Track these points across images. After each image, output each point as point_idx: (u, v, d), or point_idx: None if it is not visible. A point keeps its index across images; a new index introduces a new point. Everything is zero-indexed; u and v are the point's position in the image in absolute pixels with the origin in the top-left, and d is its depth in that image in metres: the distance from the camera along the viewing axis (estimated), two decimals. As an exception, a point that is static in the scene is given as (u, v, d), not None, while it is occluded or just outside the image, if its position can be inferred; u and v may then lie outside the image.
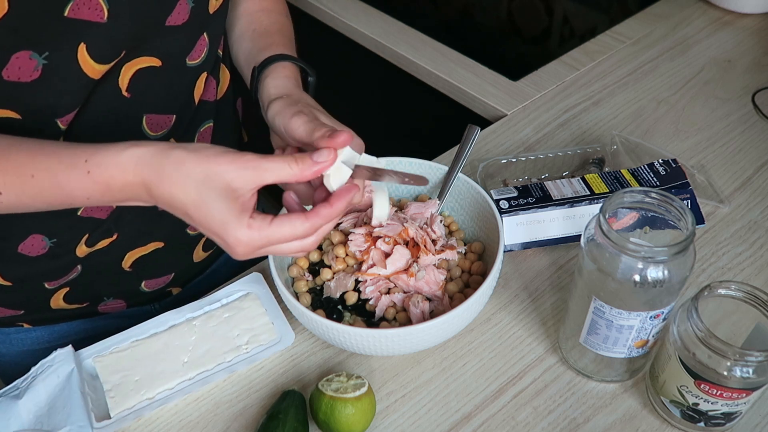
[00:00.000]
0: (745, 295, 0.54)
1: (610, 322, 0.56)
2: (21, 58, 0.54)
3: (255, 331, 0.67)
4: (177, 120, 0.68)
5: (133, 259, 0.74)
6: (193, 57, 0.66)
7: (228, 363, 0.65)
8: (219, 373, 0.64)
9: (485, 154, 0.88)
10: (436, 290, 0.66)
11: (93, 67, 0.58)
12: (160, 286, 0.80)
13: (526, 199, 0.72)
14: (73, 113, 0.60)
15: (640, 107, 0.94)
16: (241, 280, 0.72)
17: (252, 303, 0.70)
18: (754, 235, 0.76)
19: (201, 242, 0.81)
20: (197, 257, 0.82)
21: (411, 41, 1.10)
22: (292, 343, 0.67)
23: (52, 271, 0.71)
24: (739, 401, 0.53)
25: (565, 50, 1.05)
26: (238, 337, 0.67)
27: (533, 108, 0.95)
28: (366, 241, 0.68)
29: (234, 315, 0.69)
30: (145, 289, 0.79)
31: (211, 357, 0.66)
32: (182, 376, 0.64)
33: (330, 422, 0.58)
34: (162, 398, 0.63)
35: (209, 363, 0.65)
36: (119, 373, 0.64)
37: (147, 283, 0.78)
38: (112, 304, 0.79)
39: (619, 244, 0.52)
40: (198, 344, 0.67)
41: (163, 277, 0.79)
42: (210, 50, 0.68)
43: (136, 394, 0.63)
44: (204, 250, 0.82)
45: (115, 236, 0.71)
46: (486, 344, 0.67)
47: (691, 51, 1.03)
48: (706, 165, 0.84)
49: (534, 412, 0.62)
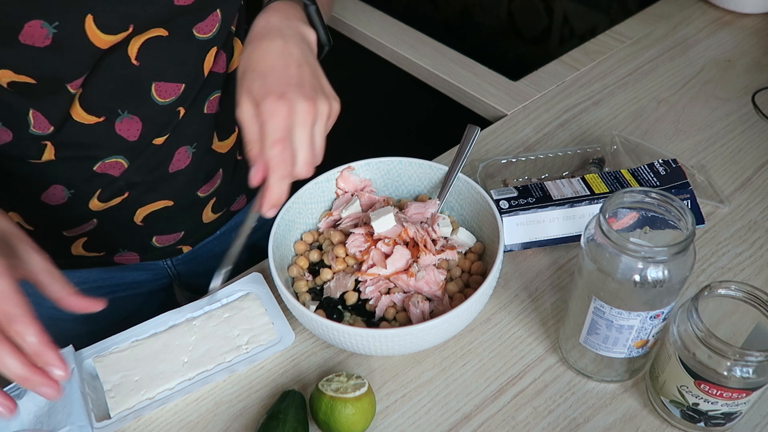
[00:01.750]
0: (745, 295, 0.54)
1: (610, 322, 0.56)
2: (33, 26, 0.57)
3: (255, 331, 0.67)
4: (186, 89, 0.71)
5: (144, 215, 0.78)
6: (203, 30, 0.68)
7: (228, 363, 0.65)
8: (219, 374, 0.64)
9: (485, 154, 0.88)
10: (436, 290, 0.66)
11: (100, 37, 0.61)
12: (170, 243, 0.84)
13: (526, 199, 0.72)
14: (81, 78, 0.64)
15: (640, 107, 0.94)
16: (241, 279, 0.72)
17: (252, 303, 0.70)
18: (754, 235, 0.76)
19: (210, 203, 0.84)
20: (206, 218, 0.85)
21: (411, 41, 1.10)
22: (292, 343, 0.67)
23: (70, 220, 0.76)
24: (739, 401, 0.53)
25: (565, 50, 1.05)
26: (238, 337, 0.67)
27: (533, 108, 0.95)
28: (366, 241, 0.68)
29: (234, 315, 0.69)
30: (156, 245, 0.83)
31: (211, 357, 0.66)
32: (182, 376, 0.64)
33: (330, 422, 0.58)
34: (162, 398, 0.63)
35: (209, 363, 0.65)
36: (119, 373, 0.64)
37: (158, 238, 0.82)
38: (126, 256, 0.83)
39: (619, 244, 0.52)
40: (198, 344, 0.67)
41: (173, 234, 0.83)
42: (222, 26, 0.70)
43: (136, 394, 0.63)
44: (213, 212, 0.85)
45: (126, 194, 0.75)
46: (486, 344, 0.67)
47: (691, 51, 1.03)
48: (706, 165, 0.84)
49: (534, 412, 0.62)
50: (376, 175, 0.75)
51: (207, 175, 0.80)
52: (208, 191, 0.82)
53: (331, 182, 0.74)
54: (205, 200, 0.83)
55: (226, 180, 0.83)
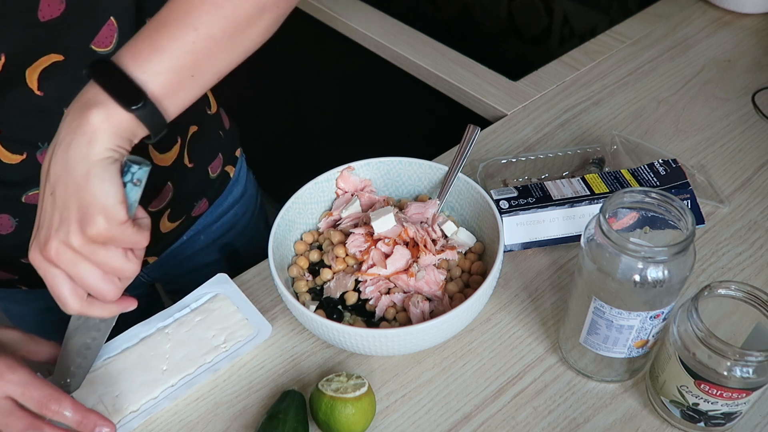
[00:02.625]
0: (745, 295, 0.54)
1: (610, 322, 0.56)
2: None
3: (230, 329, 0.67)
4: None
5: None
6: (102, 44, 0.64)
7: (209, 363, 0.65)
8: (203, 375, 0.64)
9: (485, 154, 0.88)
10: (436, 290, 0.66)
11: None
12: None
13: (526, 199, 0.72)
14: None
15: (640, 107, 0.94)
16: (206, 283, 0.72)
17: (222, 303, 0.70)
18: (754, 235, 0.76)
19: (165, 215, 0.81)
20: (165, 228, 0.83)
21: (411, 41, 1.10)
22: (270, 334, 0.67)
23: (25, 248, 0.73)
24: (739, 401, 0.53)
25: (565, 50, 1.05)
26: (214, 338, 0.67)
27: (533, 108, 0.95)
28: (366, 241, 0.68)
29: (206, 317, 0.69)
30: None
31: (191, 361, 0.65)
32: (165, 384, 0.64)
33: (330, 422, 0.58)
34: (147, 408, 0.63)
35: (190, 367, 0.65)
36: (97, 392, 0.63)
37: None
38: None
39: (619, 244, 0.52)
40: (174, 351, 0.66)
41: None
42: (121, 34, 0.65)
43: (120, 409, 0.62)
44: (171, 221, 0.83)
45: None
46: (486, 344, 0.67)
47: (691, 51, 1.03)
48: (706, 165, 0.84)
49: (534, 412, 0.62)
50: (376, 175, 0.75)
51: (155, 191, 0.78)
52: (160, 205, 0.79)
53: (331, 182, 0.74)
54: (159, 213, 0.80)
55: (179, 190, 0.81)
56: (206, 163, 0.84)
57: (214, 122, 0.86)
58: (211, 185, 0.87)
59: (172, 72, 0.51)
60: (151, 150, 0.75)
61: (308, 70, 1.44)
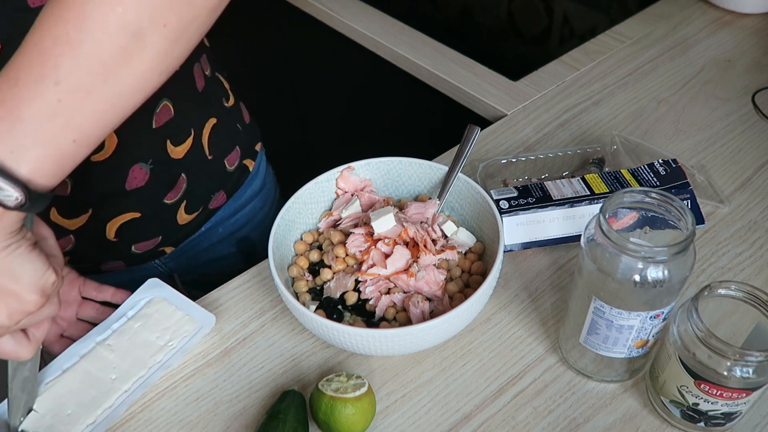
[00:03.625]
0: (745, 295, 0.54)
1: (610, 322, 0.56)
2: None
3: (173, 327, 0.68)
4: None
5: (115, 229, 0.77)
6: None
7: (160, 363, 0.65)
8: (156, 373, 0.65)
9: (485, 154, 0.88)
10: (436, 290, 0.66)
11: None
12: (150, 248, 0.82)
13: (526, 199, 0.72)
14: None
15: (640, 107, 0.94)
16: (139, 289, 0.72)
17: (159, 305, 0.70)
18: (754, 235, 0.76)
19: (181, 207, 0.81)
20: (182, 220, 0.83)
21: (411, 41, 1.10)
22: (214, 323, 0.67)
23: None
24: (739, 401, 0.53)
25: (565, 50, 1.05)
26: (158, 339, 0.67)
27: (533, 108, 0.95)
28: (366, 241, 0.68)
29: (146, 322, 0.68)
30: (136, 252, 0.81)
31: (141, 364, 0.65)
32: (118, 391, 0.63)
33: (330, 422, 0.58)
34: (106, 417, 0.62)
35: (141, 370, 0.65)
36: (47, 415, 0.62)
37: (137, 246, 0.81)
38: (112, 264, 0.82)
39: (619, 244, 0.52)
40: (121, 360, 0.66)
41: (150, 240, 0.81)
42: None
43: (76, 425, 0.61)
44: (187, 213, 0.83)
45: (90, 211, 0.73)
46: (486, 344, 0.67)
47: (691, 51, 1.03)
48: (706, 165, 0.84)
49: (534, 412, 0.62)
50: (376, 175, 0.75)
51: (170, 184, 0.78)
52: (175, 197, 0.80)
53: (331, 182, 0.74)
54: (174, 205, 0.81)
55: (193, 182, 0.81)
56: (223, 155, 0.84)
57: (232, 115, 0.86)
58: (228, 178, 0.87)
59: (46, 145, 0.43)
60: (167, 143, 0.75)
61: (308, 70, 1.44)
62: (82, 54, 0.41)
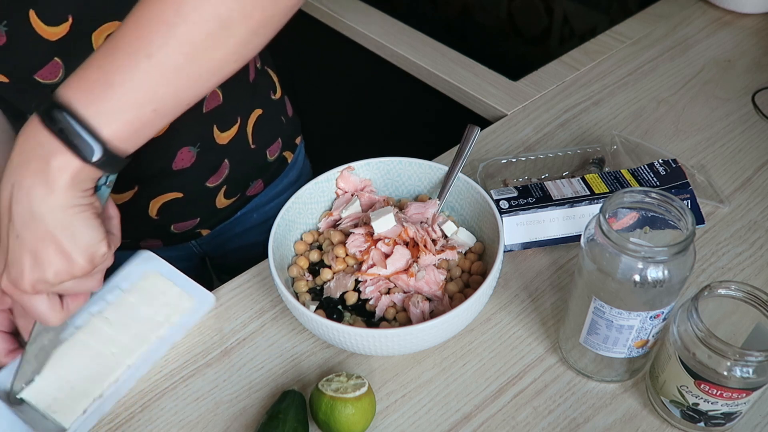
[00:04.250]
0: (745, 295, 0.54)
1: (610, 322, 0.56)
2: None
3: (172, 302, 0.67)
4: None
5: (157, 207, 0.79)
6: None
7: (163, 338, 0.65)
8: (160, 349, 0.64)
9: (485, 154, 0.88)
10: (436, 290, 0.66)
11: (45, 29, 0.59)
12: (188, 228, 0.84)
13: (526, 199, 0.72)
14: (45, 70, 0.61)
15: (640, 107, 0.94)
16: (131, 262, 0.70)
17: (154, 280, 0.69)
18: (754, 235, 0.76)
19: (221, 191, 0.84)
20: (220, 204, 0.85)
21: (411, 41, 1.10)
22: (214, 303, 0.67)
23: None
24: (739, 401, 0.53)
25: (565, 50, 1.05)
26: (157, 314, 0.66)
27: (533, 108, 0.95)
28: (366, 241, 0.68)
29: (142, 296, 0.67)
30: (175, 231, 0.83)
31: (141, 339, 0.64)
32: (122, 365, 0.63)
33: (330, 422, 0.58)
34: (113, 391, 0.61)
35: (142, 345, 0.64)
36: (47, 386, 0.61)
37: (175, 226, 0.83)
38: (150, 243, 0.85)
39: (619, 244, 0.52)
40: (119, 334, 0.65)
41: (189, 221, 0.83)
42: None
43: (82, 398, 0.61)
44: (226, 198, 0.85)
45: (136, 188, 0.76)
46: (486, 344, 0.67)
47: (691, 51, 1.03)
48: (706, 165, 0.84)
49: (534, 412, 0.62)
50: (376, 175, 0.75)
51: (213, 168, 0.80)
52: (217, 182, 0.82)
53: (331, 182, 0.74)
54: (215, 189, 0.83)
55: (235, 168, 0.83)
56: (265, 146, 0.87)
57: (278, 107, 0.88)
58: (267, 168, 0.89)
59: (129, 111, 0.47)
60: (215, 128, 0.77)
61: (308, 70, 1.44)
62: (176, 35, 0.46)
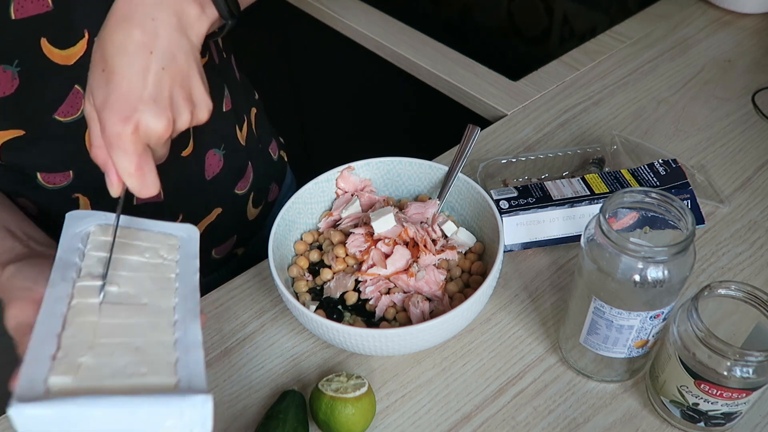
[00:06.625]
0: (745, 295, 0.54)
1: (610, 322, 0.56)
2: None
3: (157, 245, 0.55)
4: None
5: (203, 229, 0.79)
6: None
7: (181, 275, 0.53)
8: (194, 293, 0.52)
9: (485, 154, 0.88)
10: (436, 290, 0.66)
11: (61, 55, 0.57)
12: (227, 251, 0.84)
13: (526, 199, 0.72)
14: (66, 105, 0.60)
15: (640, 107, 0.94)
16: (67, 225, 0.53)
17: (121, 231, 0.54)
18: (754, 235, 0.76)
19: (250, 199, 0.84)
20: (251, 215, 0.85)
21: (411, 41, 1.10)
22: (199, 234, 0.58)
23: None
24: (739, 401, 0.53)
25: (565, 50, 1.05)
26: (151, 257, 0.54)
27: (533, 108, 0.95)
28: (366, 241, 0.68)
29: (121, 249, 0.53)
30: (215, 257, 0.83)
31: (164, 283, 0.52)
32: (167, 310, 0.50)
33: (330, 422, 0.58)
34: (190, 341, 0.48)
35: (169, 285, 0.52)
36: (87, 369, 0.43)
37: (216, 250, 0.83)
38: None
39: (619, 244, 0.52)
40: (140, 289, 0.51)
41: (227, 241, 0.84)
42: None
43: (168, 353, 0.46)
44: (254, 207, 0.85)
45: (180, 217, 0.75)
46: (486, 344, 0.67)
47: (691, 51, 1.03)
48: (706, 165, 0.84)
49: (534, 412, 0.62)
50: (376, 175, 0.75)
51: (239, 171, 0.80)
52: (245, 187, 0.82)
53: (331, 182, 0.74)
54: (245, 197, 0.83)
55: (256, 170, 0.83)
56: (267, 144, 0.88)
57: (263, 108, 0.90)
58: (275, 168, 0.90)
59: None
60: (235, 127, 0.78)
61: (308, 70, 1.44)
62: None
